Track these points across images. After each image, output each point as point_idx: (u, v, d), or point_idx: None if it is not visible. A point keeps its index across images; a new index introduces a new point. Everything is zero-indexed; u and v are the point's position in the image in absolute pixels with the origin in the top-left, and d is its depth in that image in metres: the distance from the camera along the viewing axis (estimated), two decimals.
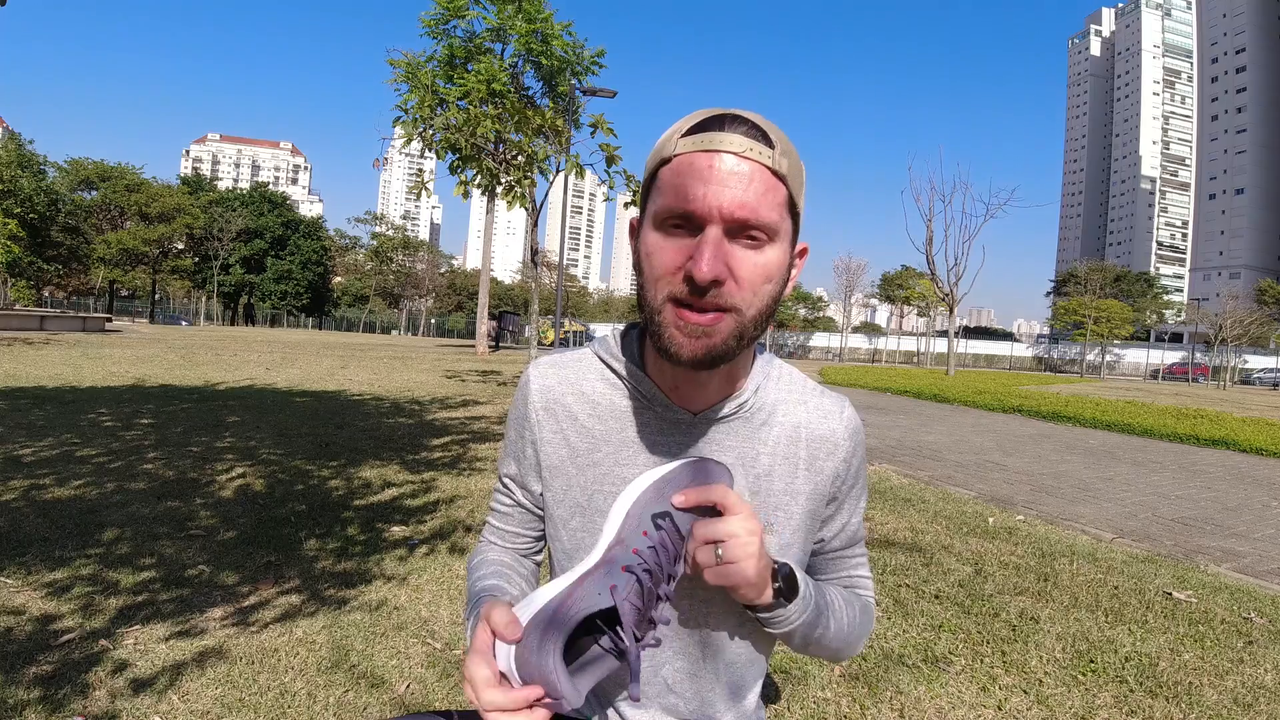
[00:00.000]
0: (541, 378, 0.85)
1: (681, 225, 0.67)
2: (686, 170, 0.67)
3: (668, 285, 0.68)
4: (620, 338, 0.85)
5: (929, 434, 8.77)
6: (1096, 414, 11.33)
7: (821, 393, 0.86)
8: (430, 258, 74.19)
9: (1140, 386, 29.52)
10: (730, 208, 0.65)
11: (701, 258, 0.65)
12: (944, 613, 2.72)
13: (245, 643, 2.11)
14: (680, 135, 0.68)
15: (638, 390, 0.80)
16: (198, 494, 3.70)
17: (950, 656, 2.34)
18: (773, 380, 0.84)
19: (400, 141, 10.27)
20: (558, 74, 11.94)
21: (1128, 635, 2.61)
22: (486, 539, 0.93)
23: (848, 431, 0.84)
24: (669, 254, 0.68)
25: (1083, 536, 4.08)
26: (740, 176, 0.65)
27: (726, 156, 0.66)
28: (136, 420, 5.83)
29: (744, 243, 0.67)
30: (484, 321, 24.83)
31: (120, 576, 2.54)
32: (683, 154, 0.67)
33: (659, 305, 0.69)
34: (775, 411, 0.82)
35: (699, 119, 0.68)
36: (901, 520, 4.15)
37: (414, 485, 4.20)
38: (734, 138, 0.66)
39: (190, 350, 15.34)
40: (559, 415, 0.83)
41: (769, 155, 0.66)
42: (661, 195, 0.69)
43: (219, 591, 2.48)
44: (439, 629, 2.31)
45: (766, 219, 0.66)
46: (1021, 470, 6.40)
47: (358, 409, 7.37)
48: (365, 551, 3.00)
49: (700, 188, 0.65)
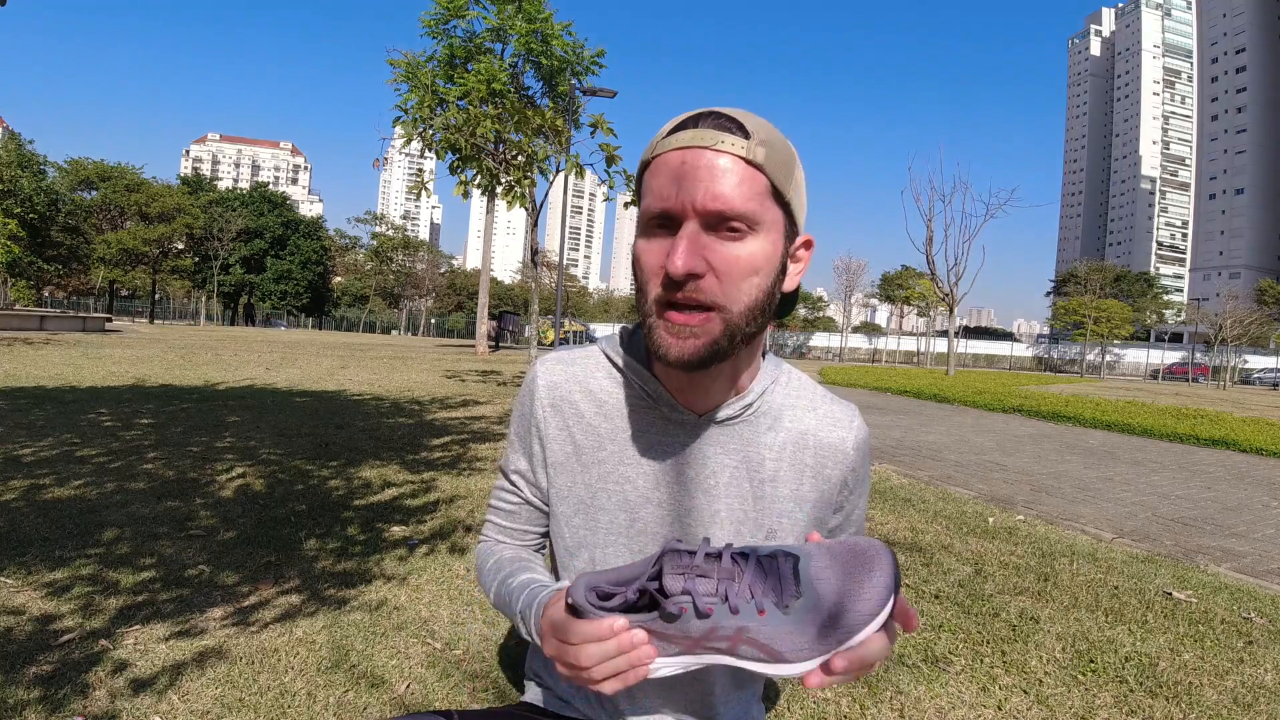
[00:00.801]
0: (549, 374, 0.84)
1: (663, 226, 0.68)
2: (662, 170, 0.67)
3: (654, 288, 0.69)
4: (627, 336, 0.84)
5: (929, 434, 8.77)
6: (1096, 414, 11.33)
7: (832, 400, 0.85)
8: (430, 258, 74.22)
9: (1140, 386, 29.51)
10: (703, 200, 0.65)
11: (675, 252, 0.65)
12: (944, 613, 2.72)
13: (245, 643, 2.11)
14: (661, 138, 0.69)
15: (644, 390, 0.80)
16: (198, 494, 3.70)
17: (950, 656, 2.34)
18: (781, 384, 0.83)
19: (400, 141, 10.27)
20: (558, 74, 11.94)
21: (1128, 635, 2.61)
22: (493, 538, 0.91)
23: (857, 441, 0.83)
24: (651, 255, 0.69)
25: (1083, 536, 4.08)
26: (713, 169, 0.65)
27: (699, 151, 0.66)
28: (136, 420, 5.83)
29: (724, 235, 0.66)
30: (484, 321, 24.83)
31: (120, 576, 2.54)
32: (660, 154, 0.68)
33: (649, 309, 0.70)
34: (782, 416, 0.82)
35: (679, 120, 0.69)
36: (901, 520, 4.15)
37: (414, 485, 4.20)
38: (705, 132, 0.66)
39: (190, 350, 15.33)
40: (565, 412, 0.83)
41: (743, 145, 0.66)
42: (644, 199, 0.69)
43: (219, 591, 2.48)
44: (439, 629, 2.31)
45: (743, 209, 0.65)
46: (1021, 470, 6.40)
47: (357, 409, 7.37)
48: (365, 551, 3.00)
49: (673, 185, 0.66)
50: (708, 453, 0.79)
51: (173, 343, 18.31)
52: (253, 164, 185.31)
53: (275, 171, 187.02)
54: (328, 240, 67.59)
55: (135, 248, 44.96)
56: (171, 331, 28.87)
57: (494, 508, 0.91)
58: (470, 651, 2.17)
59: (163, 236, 46.78)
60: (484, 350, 23.58)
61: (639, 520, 0.80)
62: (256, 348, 18.34)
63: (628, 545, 0.81)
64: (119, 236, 44.16)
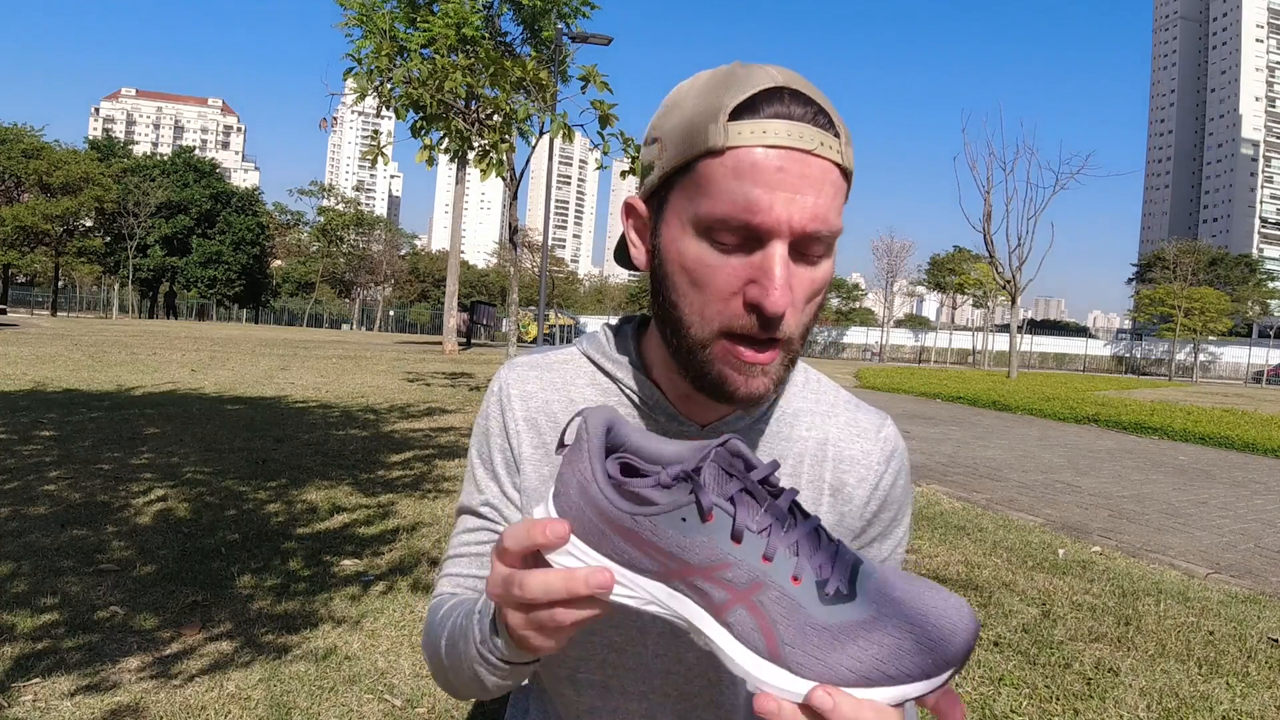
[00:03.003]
0: (521, 382, 0.83)
1: (743, 238, 0.65)
2: (748, 171, 0.63)
3: (720, 315, 0.66)
4: (614, 335, 0.84)
5: (987, 449, 8.78)
6: (1188, 424, 11.31)
7: (856, 406, 0.85)
8: (388, 237, 74.30)
9: (1240, 391, 29.52)
10: (803, 221, 0.63)
11: (772, 285, 0.63)
12: (1005, 663, 2.72)
13: (166, 699, 2.10)
14: (728, 116, 0.64)
15: (639, 397, 0.80)
16: (109, 520, 3.69)
17: (1013, 716, 2.34)
18: (797, 387, 0.83)
19: (352, 98, 10.27)
20: (541, 16, 11.93)
21: (1225, 690, 2.61)
22: (450, 594, 0.83)
23: (884, 453, 0.83)
24: (722, 274, 0.66)
25: (1171, 572, 4.08)
26: (812, 180, 0.63)
27: (800, 156, 0.63)
28: (35, 432, 5.83)
29: (807, 258, 0.66)
30: (452, 314, 24.86)
31: (16, 620, 2.54)
32: (739, 148, 0.63)
33: (706, 338, 0.67)
34: (797, 425, 0.82)
35: (745, 92, 0.64)
36: (954, 552, 4.15)
37: (369, 510, 4.20)
38: (803, 129, 0.63)
39: (100, 348, 15.35)
40: (542, 427, 0.81)
41: (838, 149, 0.64)
42: (708, 197, 0.65)
43: (135, 637, 2.48)
44: (399, 682, 2.31)
45: (835, 227, 0.65)
46: (1098, 492, 6.41)
47: (301, 419, 7.38)
48: (310, 589, 3.00)
49: (767, 195, 0.62)
50: None
51: (79, 339, 18.33)
52: (175, 124, 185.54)
53: (202, 134, 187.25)
54: (265, 216, 67.63)
55: (34, 225, 44.97)
56: (78, 325, 28.88)
57: (456, 557, 0.84)
58: (436, 710, 2.17)
59: (67, 212, 46.80)
60: (452, 348, 23.61)
61: None
62: (180, 345, 18.36)
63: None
64: (14, 212, 44.18)
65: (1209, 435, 10.52)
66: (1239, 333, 62.12)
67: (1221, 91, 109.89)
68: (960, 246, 65.13)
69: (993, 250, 32.06)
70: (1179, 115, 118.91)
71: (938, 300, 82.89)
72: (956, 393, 16.47)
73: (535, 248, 67.48)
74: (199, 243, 59.94)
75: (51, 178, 46.13)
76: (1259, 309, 66.86)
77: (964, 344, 64.62)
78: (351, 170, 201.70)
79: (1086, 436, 10.66)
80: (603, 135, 9.64)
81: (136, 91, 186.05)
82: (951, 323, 78.11)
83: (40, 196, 46.41)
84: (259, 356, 15.93)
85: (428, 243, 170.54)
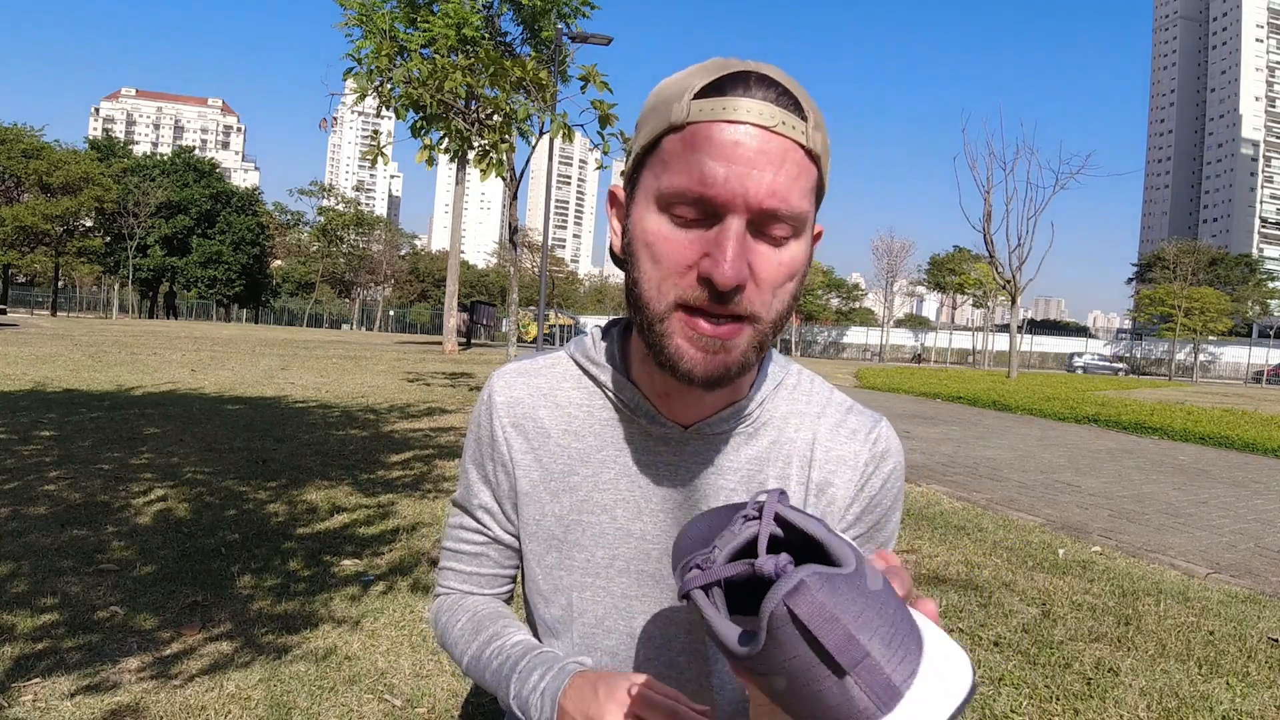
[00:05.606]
0: (508, 389, 0.84)
1: (698, 213, 0.66)
2: (704, 144, 0.64)
3: (675, 287, 0.66)
4: (600, 336, 0.84)
5: (987, 448, 8.79)
6: (1188, 424, 11.34)
7: (849, 408, 0.84)
8: (388, 237, 74.30)
9: (1240, 391, 29.52)
10: (759, 196, 0.63)
11: (723, 257, 0.63)
12: (1005, 663, 2.72)
13: (166, 699, 2.11)
14: (692, 95, 0.65)
15: (619, 399, 0.80)
16: (109, 520, 3.70)
17: (1012, 715, 2.34)
18: (786, 388, 0.83)
19: (352, 98, 10.27)
20: (541, 16, 11.94)
21: (1225, 690, 2.61)
22: (454, 588, 0.91)
23: (873, 455, 0.82)
24: (678, 247, 0.66)
25: (1171, 572, 4.08)
26: (770, 156, 0.63)
27: (759, 132, 0.63)
28: (35, 432, 5.84)
29: (770, 237, 0.66)
30: (452, 314, 24.86)
31: (17, 620, 2.54)
32: (698, 122, 0.65)
33: (663, 311, 0.67)
34: (785, 426, 0.81)
35: (714, 75, 0.66)
36: (954, 552, 4.15)
37: (369, 510, 4.20)
38: (763, 106, 0.64)
39: (100, 348, 15.35)
40: (529, 432, 0.82)
41: (803, 130, 0.65)
42: (669, 171, 0.66)
43: (135, 638, 2.48)
44: (399, 682, 2.31)
45: (798, 208, 0.65)
46: (1098, 492, 6.42)
47: (301, 419, 7.38)
48: (310, 589, 3.00)
49: (722, 168, 0.63)
50: (697, 472, 0.79)
51: (79, 339, 18.33)
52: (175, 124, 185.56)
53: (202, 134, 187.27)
54: (265, 216, 67.64)
55: (34, 225, 44.95)
56: (78, 325, 28.88)
57: (452, 551, 0.90)
58: (436, 710, 2.17)
59: (67, 212, 46.79)
60: (452, 348, 23.61)
61: (619, 557, 0.80)
62: (180, 345, 18.36)
63: (606, 587, 0.80)
64: (14, 212, 44.16)
65: (1209, 435, 10.54)
66: (1239, 333, 62.11)
67: (1221, 91, 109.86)
68: (960, 246, 65.13)
69: (993, 250, 32.07)
70: (1179, 115, 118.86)
71: (937, 300, 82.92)
72: (956, 392, 16.50)
73: (535, 248, 67.49)
74: (199, 243, 59.95)
75: (51, 178, 46.12)
76: (1259, 309, 66.87)
77: (964, 344, 64.70)
78: (351, 170, 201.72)
79: (1086, 436, 10.68)
80: (603, 135, 9.65)
81: (136, 91, 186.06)
82: (951, 323, 78.15)
83: (40, 196, 46.39)
84: (259, 356, 15.94)
85: (428, 243, 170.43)
